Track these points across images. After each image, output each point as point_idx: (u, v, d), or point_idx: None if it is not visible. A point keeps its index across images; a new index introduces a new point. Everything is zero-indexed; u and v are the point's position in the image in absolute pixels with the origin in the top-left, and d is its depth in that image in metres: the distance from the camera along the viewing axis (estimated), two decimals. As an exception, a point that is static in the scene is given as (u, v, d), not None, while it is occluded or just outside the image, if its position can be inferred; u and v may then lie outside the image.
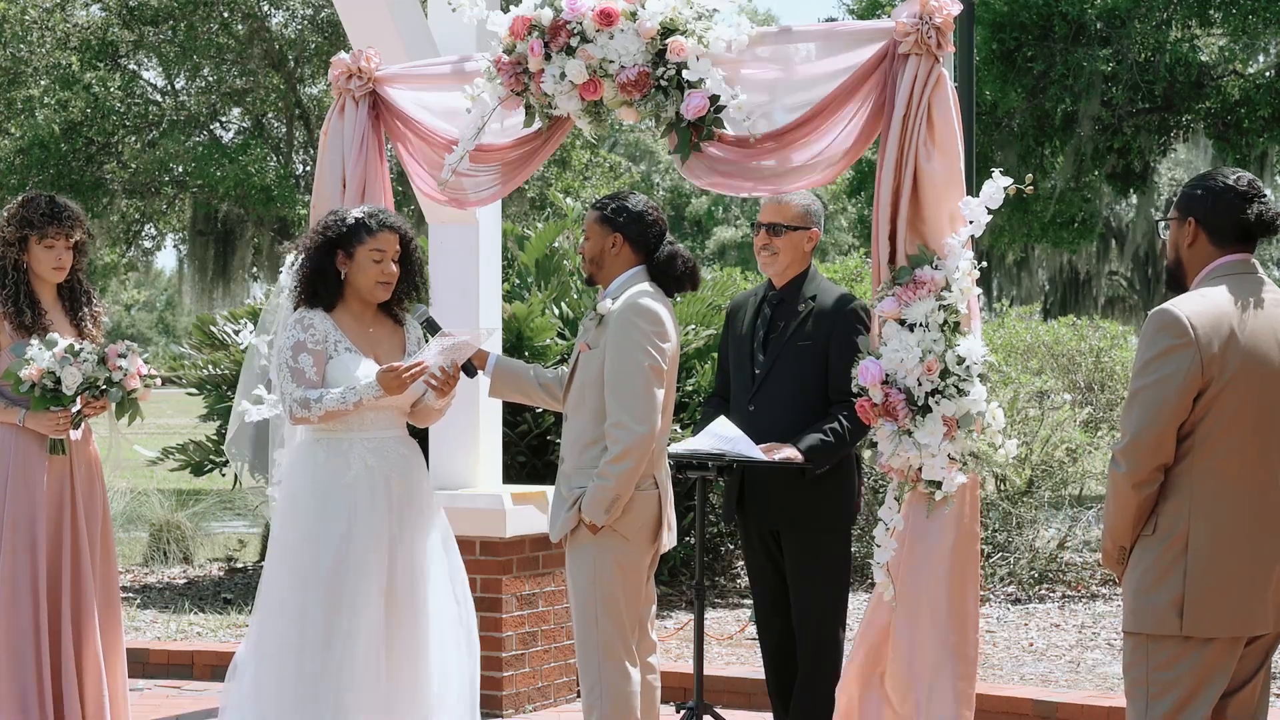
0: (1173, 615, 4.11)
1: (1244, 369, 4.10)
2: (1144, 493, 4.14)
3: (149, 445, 12.13)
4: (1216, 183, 4.26)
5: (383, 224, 5.43)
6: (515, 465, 9.40)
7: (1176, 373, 4.08)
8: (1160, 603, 4.13)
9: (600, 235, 5.41)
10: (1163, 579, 4.13)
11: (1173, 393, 4.08)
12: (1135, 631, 4.19)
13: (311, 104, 23.91)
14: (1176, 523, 4.13)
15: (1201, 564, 4.10)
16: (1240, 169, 4.38)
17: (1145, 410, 4.10)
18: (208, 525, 14.18)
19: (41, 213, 6.00)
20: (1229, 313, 4.13)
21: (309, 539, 5.34)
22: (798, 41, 5.42)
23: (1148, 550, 4.17)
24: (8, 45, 22.35)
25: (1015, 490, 10.53)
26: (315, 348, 5.37)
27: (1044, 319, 14.22)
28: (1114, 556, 4.27)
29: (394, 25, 6.78)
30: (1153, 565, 4.15)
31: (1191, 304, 4.15)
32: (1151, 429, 4.09)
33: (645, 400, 5.19)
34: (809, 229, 5.85)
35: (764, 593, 5.91)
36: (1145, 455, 4.11)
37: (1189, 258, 4.29)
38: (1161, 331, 4.12)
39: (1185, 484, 4.13)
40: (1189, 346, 4.08)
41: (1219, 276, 4.21)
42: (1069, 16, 20.30)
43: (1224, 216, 4.23)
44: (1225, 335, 4.10)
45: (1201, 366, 4.07)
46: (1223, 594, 4.10)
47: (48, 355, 5.84)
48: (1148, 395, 4.11)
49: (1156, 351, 4.11)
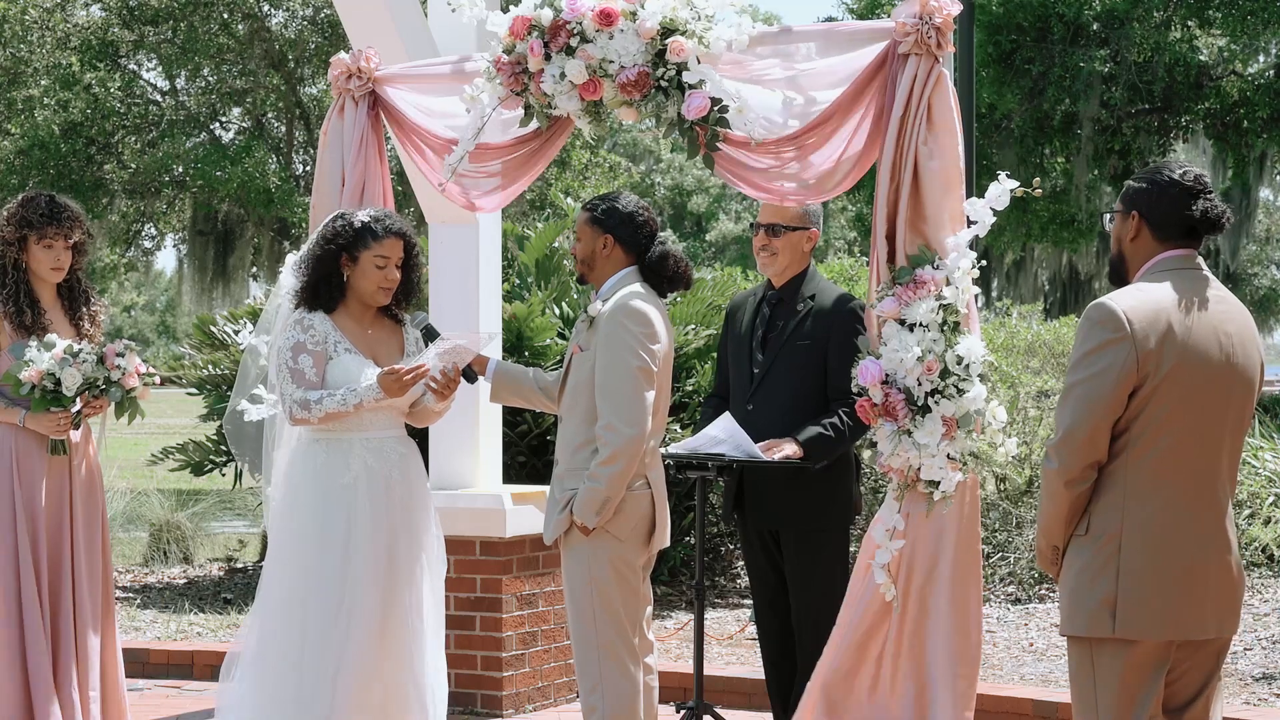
0: (1106, 616, 4.02)
1: (1181, 366, 4.02)
2: (1076, 490, 4.06)
3: (149, 445, 12.14)
4: (1162, 177, 4.17)
5: (389, 230, 5.43)
6: (515, 465, 9.40)
7: (1111, 367, 3.99)
8: (1094, 604, 4.04)
9: (591, 237, 5.41)
10: (1096, 579, 4.05)
11: (1107, 388, 3.99)
12: (1073, 635, 4.11)
13: (311, 104, 23.92)
14: (1109, 522, 4.05)
15: (1134, 564, 4.02)
16: (1187, 164, 4.31)
17: (1079, 405, 4.02)
18: (208, 525, 14.18)
19: (40, 213, 6.00)
20: (1167, 308, 4.04)
21: (309, 538, 5.35)
22: (798, 41, 5.41)
23: (1081, 550, 4.09)
24: (8, 45, 22.36)
25: (1015, 490, 10.53)
26: (315, 348, 5.37)
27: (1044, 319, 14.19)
28: (1047, 556, 4.19)
29: (394, 25, 6.78)
30: (1086, 565, 4.07)
31: (1129, 298, 4.06)
32: (1084, 425, 4.01)
33: (635, 402, 5.19)
34: (808, 229, 5.85)
35: (763, 592, 5.91)
36: (1078, 452, 4.02)
37: (1131, 251, 4.21)
38: (1097, 325, 4.04)
39: (1119, 482, 4.05)
40: (1124, 340, 4.00)
41: (1161, 272, 4.13)
42: (1066, 18, 20.30)
43: (1168, 211, 4.14)
44: (1162, 331, 4.01)
45: (1137, 362, 3.99)
46: (1156, 595, 4.01)
47: (47, 357, 5.84)
48: (1081, 390, 4.02)
49: (1092, 346, 4.03)
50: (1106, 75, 20.57)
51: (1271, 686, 7.49)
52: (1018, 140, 21.43)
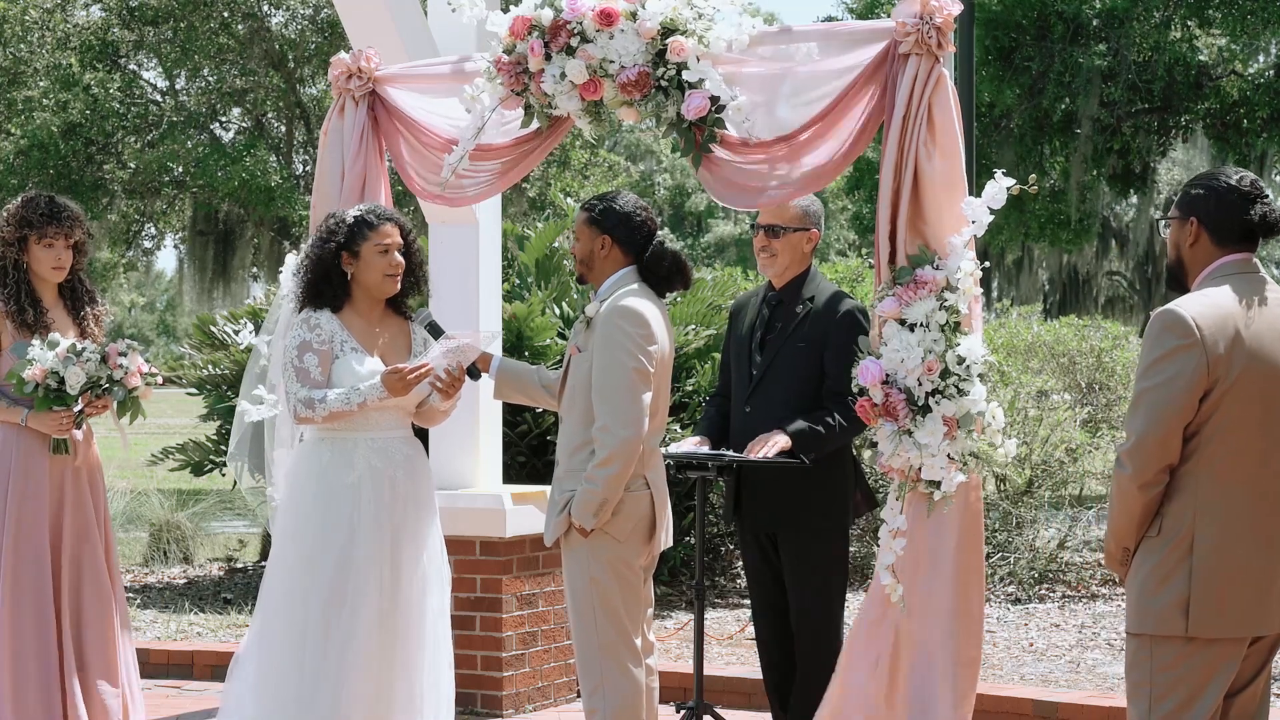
0: (1178, 616, 4.09)
1: (1249, 369, 4.09)
2: (1149, 494, 4.12)
3: (149, 445, 12.14)
4: (1219, 183, 4.24)
5: (381, 217, 5.48)
6: (515, 465, 9.40)
7: (1182, 373, 4.06)
8: (1165, 604, 4.11)
9: (589, 237, 5.41)
10: (1167, 580, 4.12)
11: (1178, 393, 4.06)
12: (1139, 633, 4.18)
13: (311, 104, 23.92)
14: (1181, 524, 4.11)
15: (1207, 565, 4.09)
16: (1243, 169, 4.37)
17: (1151, 411, 4.09)
18: (208, 525, 14.18)
19: (41, 212, 6.01)
20: (1234, 313, 4.12)
21: (312, 538, 5.35)
22: (798, 41, 5.41)
23: (1152, 551, 4.16)
24: (8, 45, 22.36)
25: (1015, 490, 10.53)
26: (321, 347, 5.37)
27: (1044, 319, 14.20)
28: (1117, 558, 4.26)
29: (394, 25, 6.78)
30: (1157, 566, 4.14)
31: (1196, 304, 4.13)
32: (1157, 430, 4.08)
33: (630, 404, 5.18)
34: (808, 230, 5.85)
35: (761, 593, 5.90)
36: (1151, 456, 4.09)
37: (1190, 257, 4.28)
38: (1167, 332, 4.10)
39: (1190, 485, 4.12)
40: (1194, 347, 4.06)
41: (1222, 276, 4.20)
42: (1066, 15, 20.30)
43: (1227, 217, 4.22)
44: (1230, 336, 4.09)
45: (1208, 367, 4.06)
46: (1228, 595, 4.09)
47: (50, 355, 5.85)
48: (1153, 396, 4.09)
49: (1162, 352, 4.09)
50: (1106, 73, 20.57)
51: (1273, 686, 7.49)
52: (1017, 139, 21.42)
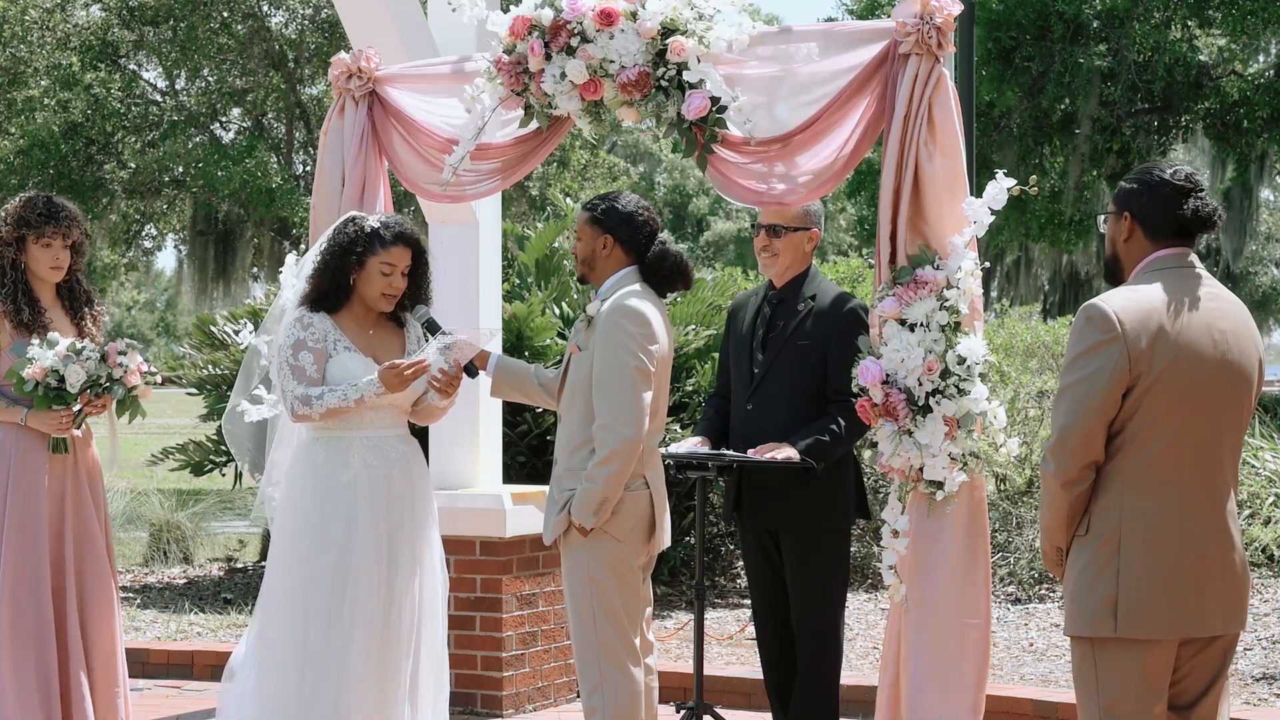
0: (1108, 616, 4.04)
1: (1174, 365, 4.04)
2: (1074, 491, 4.08)
3: (149, 445, 12.14)
4: (1152, 177, 4.19)
5: (397, 237, 5.42)
6: (515, 465, 9.40)
7: (1104, 368, 4.02)
8: (1095, 603, 4.06)
9: (591, 237, 5.40)
10: (1097, 579, 4.07)
11: (1100, 389, 4.02)
12: (1076, 635, 4.13)
13: (311, 104, 23.93)
14: (1108, 522, 4.07)
15: (1135, 563, 4.04)
16: (1177, 163, 4.34)
17: (1073, 407, 4.04)
18: (208, 525, 14.18)
19: (39, 212, 6.01)
20: (1159, 308, 4.06)
21: (309, 538, 5.35)
22: (798, 41, 5.41)
23: (1082, 550, 4.11)
24: (8, 45, 22.37)
25: (1015, 490, 10.53)
26: (315, 345, 5.37)
27: (1044, 319, 14.20)
28: (1052, 558, 4.22)
29: (394, 25, 6.78)
30: (1087, 565, 4.09)
31: (1120, 299, 4.09)
32: (1080, 426, 4.03)
33: (631, 403, 5.18)
34: (809, 229, 5.85)
35: (762, 593, 5.90)
36: (1074, 453, 4.05)
37: (1125, 252, 4.24)
38: (1089, 326, 4.06)
39: (1117, 482, 4.07)
40: (1116, 341, 4.02)
41: (1153, 272, 4.15)
42: (1066, 16, 20.30)
43: (1160, 211, 4.16)
44: (1154, 330, 4.03)
45: (1129, 362, 4.01)
46: (1157, 593, 4.03)
47: (50, 354, 5.85)
48: (1075, 391, 4.05)
49: (1084, 347, 4.05)
50: (1106, 73, 20.57)
51: (1272, 686, 7.49)
52: (1017, 139, 21.43)
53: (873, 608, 9.74)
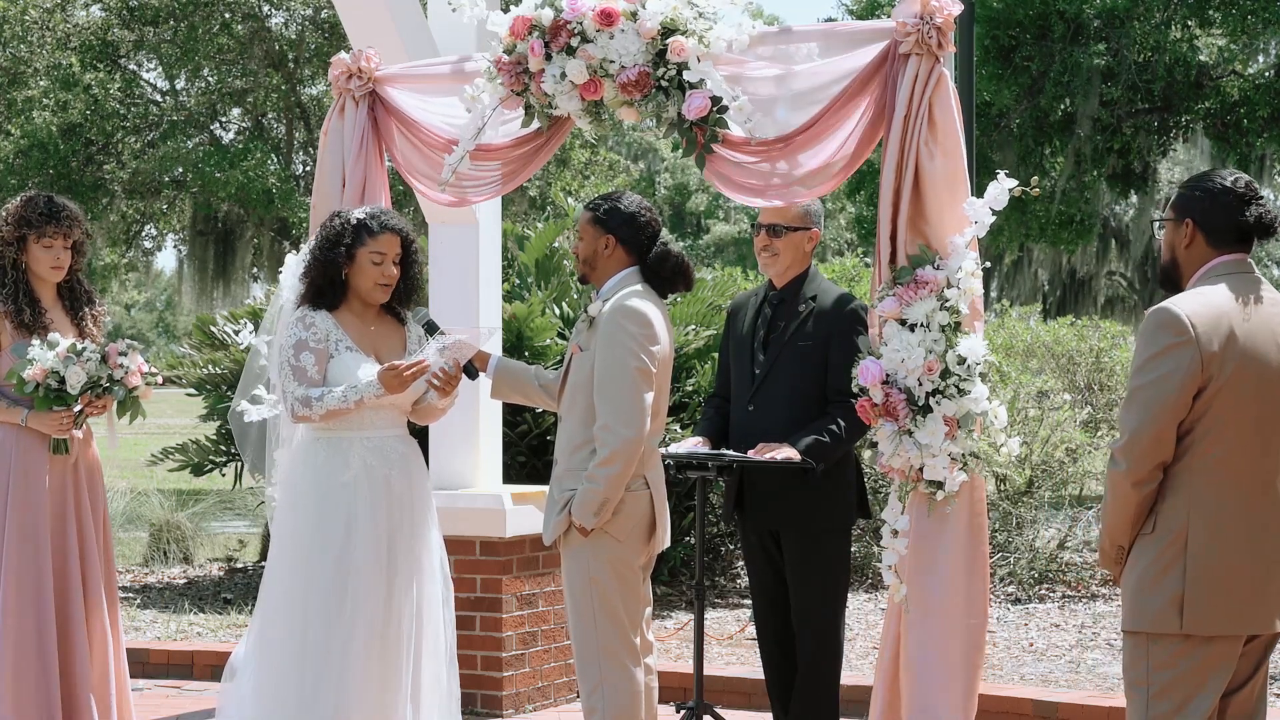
0: (1173, 614, 4.10)
1: (1243, 367, 4.11)
2: (1143, 491, 4.14)
3: (149, 445, 12.15)
4: (1214, 184, 4.26)
5: (384, 226, 5.44)
6: (515, 465, 9.40)
7: (1176, 370, 4.08)
8: (1160, 601, 4.12)
9: (593, 236, 5.40)
10: (1162, 577, 4.13)
11: (1172, 390, 4.08)
12: (1134, 630, 4.19)
13: (311, 104, 23.91)
14: (1175, 521, 4.13)
15: (1201, 562, 4.10)
16: (1238, 170, 4.39)
17: (1145, 408, 4.10)
18: (208, 525, 14.19)
19: (39, 212, 6.01)
20: (1228, 311, 4.14)
21: (309, 538, 5.36)
22: (798, 41, 5.41)
23: (1146, 549, 4.17)
24: (8, 45, 22.36)
25: (1015, 490, 10.53)
26: (317, 346, 5.38)
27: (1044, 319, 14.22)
28: (1111, 556, 4.26)
29: (394, 25, 6.78)
30: (1152, 564, 4.15)
31: (1191, 302, 4.15)
32: (1151, 427, 4.09)
33: (633, 403, 5.18)
34: (809, 229, 5.85)
35: (763, 593, 5.90)
36: (1144, 453, 4.11)
37: (1185, 258, 4.30)
38: (1161, 329, 4.12)
39: (1184, 482, 4.13)
40: (1189, 344, 4.08)
41: (1217, 276, 4.22)
42: (1066, 15, 20.29)
43: (1222, 218, 4.24)
44: (1225, 333, 4.10)
45: (1201, 364, 4.08)
46: (1222, 592, 4.10)
47: (50, 355, 5.85)
48: (1147, 393, 4.11)
49: (1156, 349, 4.11)
50: (1106, 73, 20.56)
51: (1272, 687, 7.49)
52: (1017, 139, 21.42)
53: (873, 608, 9.74)
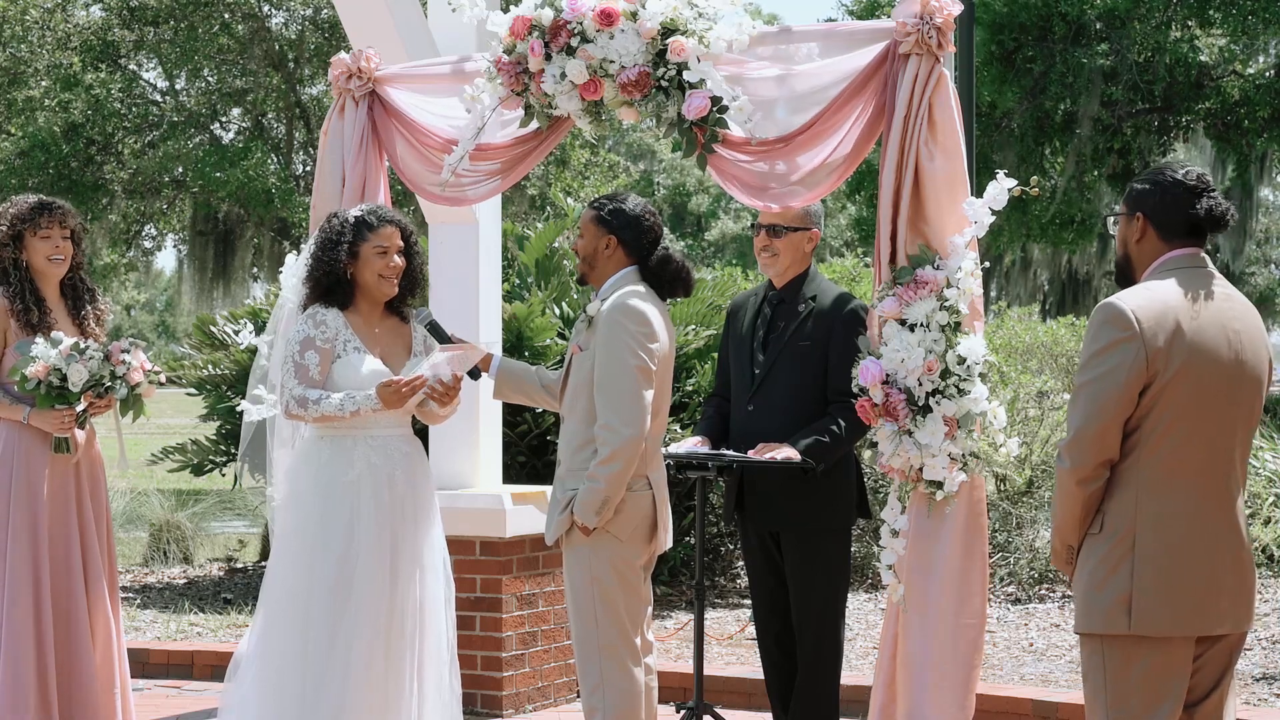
0: (1121, 614, 4.04)
1: (1190, 363, 4.05)
2: (1089, 489, 4.09)
3: (149, 445, 12.15)
4: (1165, 178, 4.21)
5: (383, 219, 5.47)
6: (515, 465, 9.40)
7: (1121, 366, 4.03)
8: (1108, 601, 4.06)
9: (595, 235, 5.40)
10: (1110, 577, 4.07)
11: (1117, 386, 4.02)
12: (1087, 632, 4.13)
13: (311, 104, 23.91)
14: (1123, 520, 4.07)
15: (1149, 561, 4.04)
16: (1189, 163, 4.35)
17: (1090, 404, 4.05)
18: (208, 525, 14.19)
19: (31, 206, 6.08)
20: (1175, 306, 4.08)
21: (312, 537, 5.35)
22: (798, 41, 5.41)
23: (1095, 548, 4.11)
24: (8, 45, 22.36)
25: (1015, 490, 10.53)
26: (324, 345, 5.38)
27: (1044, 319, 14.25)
28: (1062, 556, 4.21)
29: (394, 25, 6.78)
30: (1100, 563, 4.09)
31: (1137, 297, 4.10)
32: (1095, 423, 4.04)
33: (633, 402, 5.18)
34: (809, 229, 5.85)
35: (763, 593, 5.90)
36: (1089, 450, 4.05)
37: (1137, 253, 4.26)
38: (1106, 324, 4.07)
39: (1132, 480, 4.08)
40: (1134, 340, 4.03)
41: (1167, 271, 4.17)
42: (1068, 17, 20.30)
43: (1173, 212, 4.19)
44: (1171, 329, 4.05)
45: (1146, 360, 4.02)
46: (1172, 591, 4.04)
47: (53, 353, 5.86)
48: (1092, 389, 4.06)
49: (1101, 345, 4.06)
50: (1107, 73, 20.56)
51: (1272, 687, 7.49)
52: (1018, 139, 21.42)
53: (873, 608, 9.74)
